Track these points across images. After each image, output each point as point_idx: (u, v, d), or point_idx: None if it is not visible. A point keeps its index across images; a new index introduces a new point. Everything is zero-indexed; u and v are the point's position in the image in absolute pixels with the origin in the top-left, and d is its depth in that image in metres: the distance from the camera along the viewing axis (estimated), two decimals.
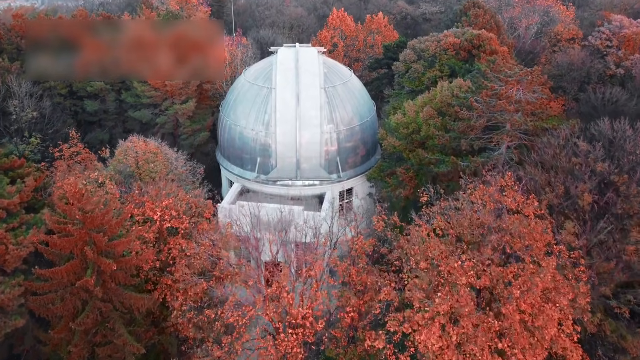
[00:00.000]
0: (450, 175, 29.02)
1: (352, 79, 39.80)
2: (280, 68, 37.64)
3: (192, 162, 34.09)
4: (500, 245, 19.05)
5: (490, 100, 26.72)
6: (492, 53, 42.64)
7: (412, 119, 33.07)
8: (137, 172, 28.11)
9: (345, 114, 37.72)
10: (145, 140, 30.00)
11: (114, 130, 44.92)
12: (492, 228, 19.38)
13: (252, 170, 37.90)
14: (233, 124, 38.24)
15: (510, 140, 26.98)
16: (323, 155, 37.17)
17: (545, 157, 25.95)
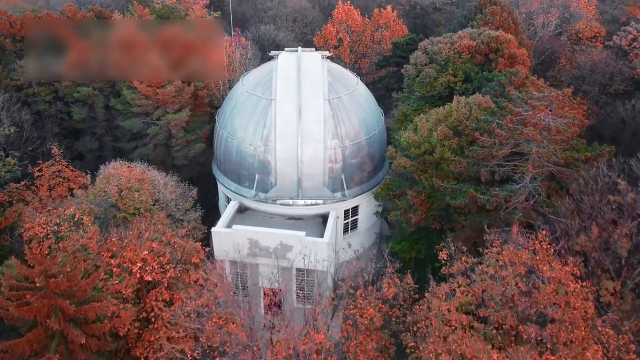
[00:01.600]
0: (468, 208, 26.10)
1: (359, 88, 36.67)
2: (281, 77, 34.53)
3: (184, 185, 31.34)
4: (540, 337, 16.30)
5: (515, 127, 23.65)
6: (510, 57, 39.37)
7: (425, 138, 30.05)
8: (121, 202, 25.36)
9: (351, 128, 34.69)
10: (130, 165, 27.16)
11: (104, 138, 42.13)
12: (527, 314, 16.49)
13: (250, 188, 35.10)
14: (230, 136, 35.31)
15: (536, 171, 23.98)
16: (327, 173, 34.27)
17: (576, 196, 23.04)
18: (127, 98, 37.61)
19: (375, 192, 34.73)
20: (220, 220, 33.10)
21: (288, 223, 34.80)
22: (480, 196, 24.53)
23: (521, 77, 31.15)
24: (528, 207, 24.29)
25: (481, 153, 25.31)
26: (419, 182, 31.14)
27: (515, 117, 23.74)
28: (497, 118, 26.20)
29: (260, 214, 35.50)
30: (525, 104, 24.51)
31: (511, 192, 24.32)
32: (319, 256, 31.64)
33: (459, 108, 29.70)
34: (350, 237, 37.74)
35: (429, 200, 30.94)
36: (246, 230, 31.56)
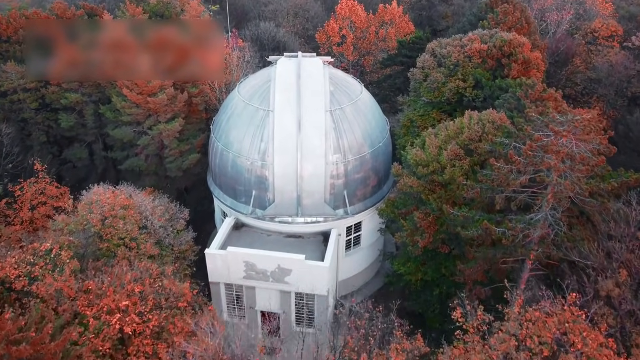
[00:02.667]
0: (481, 240, 24.02)
1: (362, 97, 34.38)
2: (279, 87, 32.28)
3: (175, 205, 29.31)
4: None
5: (535, 155, 21.46)
6: (524, 62, 36.97)
7: (434, 157, 27.87)
8: (104, 231, 23.38)
9: (355, 141, 32.50)
10: (115, 188, 25.10)
11: (94, 146, 40.05)
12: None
13: (247, 204, 33.07)
14: (225, 149, 33.19)
15: (556, 201, 21.84)
16: (328, 189, 32.19)
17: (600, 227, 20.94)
18: (116, 106, 35.44)
19: (380, 209, 32.65)
20: (214, 240, 31.14)
21: (287, 241, 32.85)
22: (494, 228, 22.43)
23: (538, 90, 28.85)
24: (547, 240, 22.21)
25: (496, 179, 23.14)
26: (426, 203, 29.09)
27: (535, 143, 21.53)
28: (513, 140, 23.98)
29: (257, 231, 33.54)
30: (546, 128, 22.27)
31: (529, 224, 22.21)
32: (320, 281, 29.79)
33: (470, 125, 27.48)
34: (352, 253, 35.83)
35: (437, 222, 28.85)
36: (241, 253, 29.63)
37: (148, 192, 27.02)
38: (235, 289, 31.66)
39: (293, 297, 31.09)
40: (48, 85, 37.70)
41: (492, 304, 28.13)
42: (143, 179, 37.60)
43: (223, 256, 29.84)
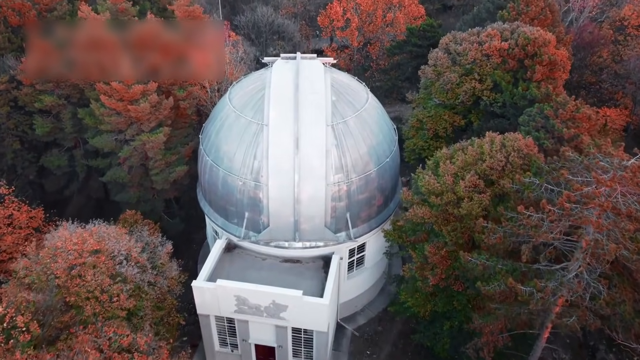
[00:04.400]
0: (503, 296, 20.89)
1: (368, 106, 30.69)
2: (275, 98, 28.62)
3: (156, 238, 26.24)
4: None
5: (573, 208, 18.09)
6: (550, 64, 33.09)
7: (449, 186, 24.49)
8: (70, 283, 20.32)
9: (359, 158, 29.05)
10: (84, 230, 21.92)
11: (74, 152, 36.66)
12: None
13: (239, 225, 29.95)
14: (215, 164, 29.84)
15: (595, 260, 18.63)
16: (329, 213, 28.98)
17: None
18: (95, 112, 31.91)
19: (386, 232, 29.52)
20: (202, 270, 28.15)
21: (284, 267, 29.92)
22: (521, 288, 19.29)
23: (570, 109, 25.18)
24: (583, 305, 19.13)
25: (523, 228, 19.86)
26: (439, 235, 25.94)
27: (574, 193, 18.14)
28: (544, 180, 20.54)
29: (251, 254, 30.56)
30: (586, 171, 18.82)
31: (561, 284, 19.06)
32: (319, 317, 26.99)
33: (492, 152, 23.97)
34: (355, 275, 32.93)
35: (450, 256, 25.78)
36: (232, 287, 26.71)
37: (123, 230, 23.77)
38: (227, 321, 28.93)
39: (290, 331, 28.36)
40: (20, 86, 34.06)
41: (511, 348, 25.52)
42: (127, 190, 34.42)
43: (212, 290, 26.94)
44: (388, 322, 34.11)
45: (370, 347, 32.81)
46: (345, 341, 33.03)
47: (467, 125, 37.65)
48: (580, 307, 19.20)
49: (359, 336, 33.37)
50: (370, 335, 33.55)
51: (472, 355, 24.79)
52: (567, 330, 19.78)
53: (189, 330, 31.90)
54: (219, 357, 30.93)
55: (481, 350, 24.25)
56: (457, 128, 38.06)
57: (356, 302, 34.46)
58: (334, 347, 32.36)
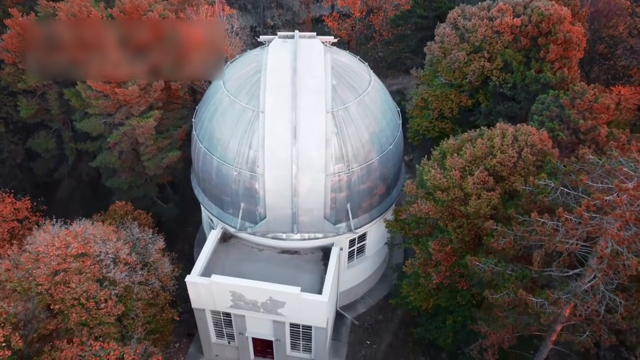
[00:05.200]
0: (513, 304, 19.74)
1: (371, 89, 28.84)
2: (271, 82, 26.78)
3: (147, 234, 24.96)
4: None
5: (592, 218, 16.70)
6: (565, 42, 30.98)
7: (456, 182, 23.04)
8: (54, 290, 19.15)
9: (361, 147, 27.48)
10: (68, 232, 20.55)
11: (63, 133, 35.02)
12: None
13: (235, 215, 28.70)
14: (208, 152, 28.31)
15: (614, 272, 17.40)
16: (328, 205, 27.64)
17: None
18: (82, 95, 30.11)
19: (387, 223, 28.31)
20: (196, 263, 27.04)
21: (281, 258, 28.86)
22: (531, 299, 18.13)
23: (588, 99, 23.39)
24: (597, 320, 18.00)
25: (535, 234, 18.54)
26: (444, 231, 24.68)
27: (593, 202, 16.71)
28: (560, 182, 19.07)
29: (248, 244, 29.44)
30: (606, 175, 17.33)
31: (574, 296, 17.89)
32: (317, 313, 26.09)
33: (503, 146, 22.36)
34: (356, 264, 31.92)
35: (455, 253, 24.60)
36: (227, 283, 25.67)
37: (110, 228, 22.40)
38: (224, 315, 28.09)
39: (288, 326, 27.54)
40: (2, 65, 32.12)
41: (515, 347, 24.67)
42: (118, 175, 32.99)
43: (206, 286, 25.92)
44: (389, 311, 33.35)
45: (371, 337, 32.15)
46: (345, 330, 32.34)
47: (474, 105, 35.83)
48: (595, 322, 18.12)
49: (359, 325, 32.67)
50: (371, 324, 32.84)
51: (476, 356, 23.97)
52: (580, 348, 18.79)
53: (185, 319, 31.11)
54: (215, 348, 30.29)
55: (485, 351, 23.42)
56: (464, 108, 36.26)
57: (356, 290, 33.61)
58: (334, 336, 31.69)
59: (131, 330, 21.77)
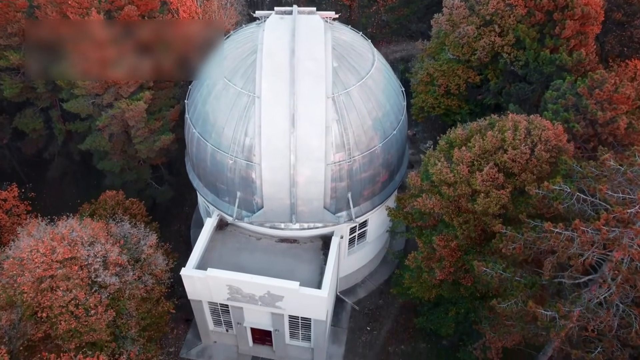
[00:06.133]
0: (520, 315, 18.86)
1: (374, 71, 27.04)
2: (268, 65, 25.01)
3: (139, 230, 23.87)
4: None
5: (611, 231, 15.54)
6: (582, 17, 28.91)
7: (464, 178, 21.75)
8: (40, 298, 18.27)
9: (363, 134, 26.02)
10: (54, 234, 19.42)
11: (51, 112, 33.42)
12: None
13: (231, 204, 27.59)
14: (202, 138, 26.89)
15: (630, 284, 16.41)
16: (328, 194, 26.46)
17: None
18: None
19: (390, 212, 27.21)
20: (191, 255, 26.09)
21: (280, 248, 27.96)
22: (541, 312, 17.22)
23: (608, 89, 21.73)
24: (610, 334, 17.14)
25: (547, 243, 17.44)
26: (449, 226, 23.61)
27: (613, 215, 15.50)
28: (576, 187, 17.80)
29: (245, 232, 28.48)
30: (629, 185, 16.04)
31: (587, 309, 16.97)
32: (317, 307, 25.42)
33: (514, 141, 20.90)
34: (356, 250, 31.08)
35: (460, 249, 23.63)
36: (223, 277, 24.83)
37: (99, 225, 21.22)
38: (221, 305, 27.46)
39: (286, 317, 26.96)
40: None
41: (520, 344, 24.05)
42: (110, 157, 31.65)
43: (202, 279, 25.11)
44: (389, 295, 32.75)
45: (371, 323, 31.70)
46: (344, 316, 31.86)
47: (482, 82, 34.05)
48: (607, 337, 17.30)
49: (359, 310, 32.17)
50: (371, 310, 32.34)
51: (479, 355, 23.41)
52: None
53: (183, 304, 30.60)
54: (213, 335, 29.88)
55: (489, 350, 22.83)
56: (472, 85, 34.49)
57: (357, 275, 32.95)
58: (333, 322, 31.26)
59: (125, 330, 21.06)
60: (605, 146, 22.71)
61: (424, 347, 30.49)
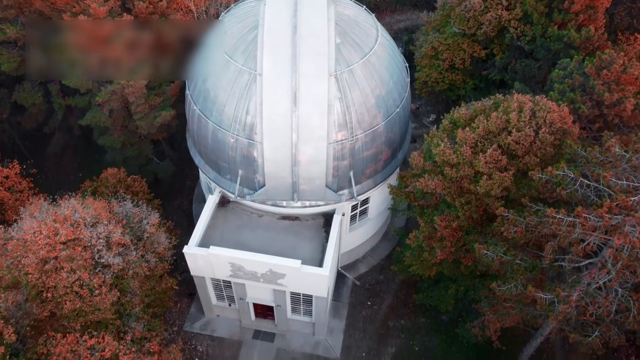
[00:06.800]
0: (520, 298, 19.02)
1: (378, 47, 26.50)
2: (269, 42, 24.50)
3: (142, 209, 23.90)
4: None
5: (614, 220, 15.51)
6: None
7: (467, 159, 21.60)
8: (45, 278, 18.45)
9: (366, 112, 25.73)
10: (56, 215, 19.43)
11: (50, 86, 33.01)
12: None
13: (233, 181, 27.57)
14: (203, 115, 26.63)
15: (631, 271, 16.52)
16: (330, 173, 26.38)
17: None
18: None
19: (391, 189, 27.17)
20: (193, 232, 26.24)
21: (282, 225, 28.10)
22: (540, 296, 17.39)
23: (616, 69, 21.30)
24: (608, 319, 17.34)
25: (548, 227, 17.46)
26: (450, 206, 23.62)
27: (615, 203, 15.44)
28: (579, 173, 17.68)
29: (247, 209, 28.56)
30: (633, 172, 15.92)
31: (586, 295, 17.12)
32: (318, 284, 25.72)
33: (519, 123, 20.64)
34: (358, 226, 31.23)
35: (461, 229, 23.70)
36: (225, 255, 25.04)
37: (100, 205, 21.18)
38: (224, 282, 27.81)
39: (288, 294, 27.33)
40: None
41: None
42: (110, 133, 31.46)
43: (205, 257, 25.34)
44: (390, 271, 33.06)
45: (372, 298, 32.14)
46: (345, 291, 32.28)
47: (488, 56, 33.45)
48: (605, 321, 17.51)
49: (360, 286, 32.57)
50: (372, 285, 32.73)
51: (477, 333, 23.79)
52: (587, 348, 18.32)
53: (186, 278, 30.96)
54: (216, 309, 30.37)
55: (487, 328, 23.20)
56: (477, 59, 33.90)
57: (358, 251, 33.21)
58: (334, 297, 31.71)
59: (129, 308, 21.39)
60: (611, 127, 22.50)
61: (423, 322, 30.98)
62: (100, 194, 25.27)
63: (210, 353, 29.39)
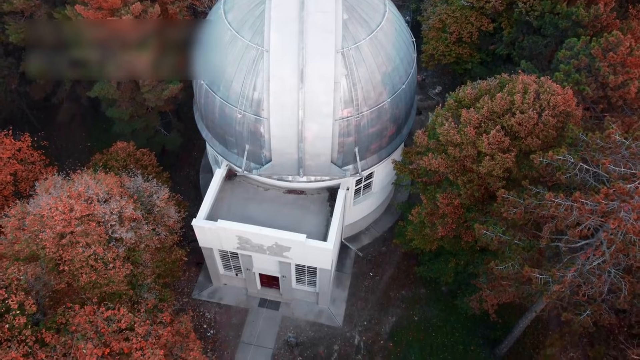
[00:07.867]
0: (516, 276, 19.74)
1: (385, 23, 26.43)
2: (276, 18, 24.46)
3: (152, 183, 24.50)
4: None
5: (610, 206, 16.02)
6: None
7: (470, 139, 21.98)
8: (62, 252, 19.24)
9: (371, 89, 25.93)
10: (71, 193, 20.02)
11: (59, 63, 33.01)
12: None
13: (240, 155, 28.08)
14: (210, 90, 26.91)
15: (624, 253, 17.16)
16: (336, 149, 26.82)
17: None
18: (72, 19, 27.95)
19: (396, 165, 27.66)
20: (202, 206, 26.98)
21: (287, 198, 28.78)
22: (537, 276, 18.10)
23: (622, 52, 21.33)
24: (599, 299, 18.06)
25: (547, 210, 18.01)
26: (453, 184, 24.14)
27: (612, 189, 15.91)
28: (579, 158, 18.09)
29: (253, 183, 29.20)
30: (632, 160, 16.33)
31: (580, 276, 17.82)
32: (323, 257, 26.58)
33: (523, 105, 20.87)
34: (362, 200, 31.89)
35: (462, 207, 24.30)
36: (233, 228, 25.81)
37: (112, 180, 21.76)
38: (231, 253, 28.71)
39: (293, 265, 28.24)
40: None
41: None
42: (119, 104, 31.79)
43: (213, 230, 26.13)
44: (392, 243, 33.88)
45: (374, 269, 33.10)
46: (348, 262, 33.23)
47: (495, 30, 33.23)
48: (597, 301, 18.27)
49: (363, 257, 33.48)
50: (374, 256, 33.64)
51: (475, 306, 24.72)
52: (578, 326, 19.14)
53: (194, 248, 31.89)
54: (223, 278, 31.43)
55: (485, 302, 24.09)
56: (484, 33, 33.70)
57: (361, 223, 33.98)
58: (338, 268, 32.67)
59: (141, 279, 22.32)
60: (615, 109, 22.70)
61: (423, 293, 32.01)
62: (110, 167, 25.89)
63: (218, 320, 30.61)
